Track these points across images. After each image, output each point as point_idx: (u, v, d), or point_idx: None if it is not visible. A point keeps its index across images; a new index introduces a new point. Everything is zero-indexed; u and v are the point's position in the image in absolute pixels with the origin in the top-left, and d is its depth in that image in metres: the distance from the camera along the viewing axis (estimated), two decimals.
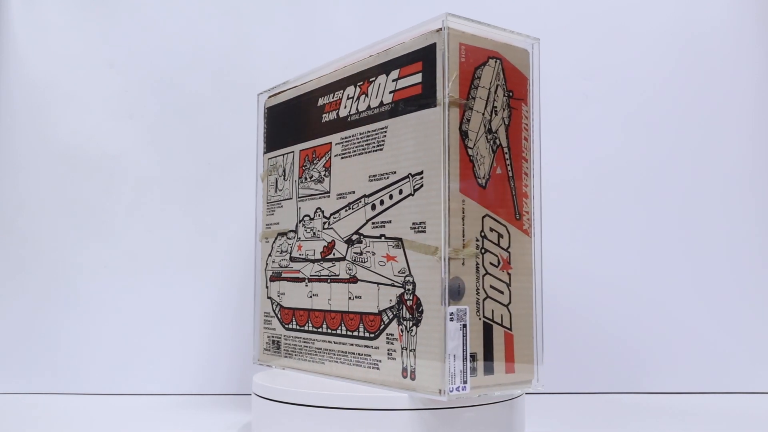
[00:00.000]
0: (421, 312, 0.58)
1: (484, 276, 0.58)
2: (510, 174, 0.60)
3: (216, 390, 0.93)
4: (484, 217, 0.58)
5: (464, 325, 0.56)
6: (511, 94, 0.61)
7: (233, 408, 0.84)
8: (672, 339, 0.96)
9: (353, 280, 0.65)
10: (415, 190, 0.59)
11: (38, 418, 0.80)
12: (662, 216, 0.97)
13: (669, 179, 0.98)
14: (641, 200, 0.97)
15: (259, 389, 0.65)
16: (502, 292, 0.59)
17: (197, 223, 0.95)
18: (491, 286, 0.58)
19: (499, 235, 0.59)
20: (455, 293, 0.56)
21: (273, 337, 0.75)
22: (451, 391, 0.55)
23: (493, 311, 0.58)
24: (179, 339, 0.93)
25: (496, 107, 0.60)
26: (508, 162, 0.60)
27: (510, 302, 0.60)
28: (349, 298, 0.65)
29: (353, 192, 0.65)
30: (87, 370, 0.93)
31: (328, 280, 0.68)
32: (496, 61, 0.60)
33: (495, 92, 0.60)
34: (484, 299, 0.58)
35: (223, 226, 0.95)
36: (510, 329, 0.59)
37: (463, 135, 0.58)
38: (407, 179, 0.60)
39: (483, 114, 0.59)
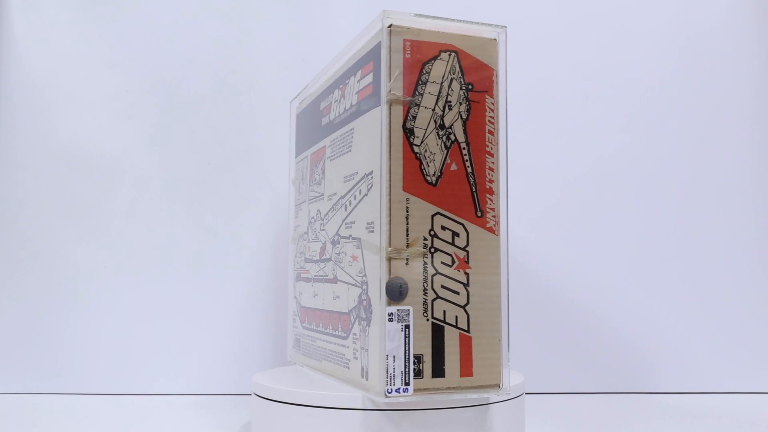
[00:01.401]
0: (371, 312, 0.57)
1: (433, 276, 0.56)
2: (469, 170, 0.58)
3: (216, 390, 0.93)
4: (434, 215, 0.57)
5: (406, 326, 0.55)
6: (470, 86, 0.58)
7: (233, 408, 0.85)
8: (672, 339, 0.96)
9: (334, 280, 0.66)
10: (368, 190, 0.59)
11: (38, 419, 0.79)
12: (663, 216, 0.98)
13: (669, 179, 0.98)
14: (641, 200, 0.98)
15: (259, 389, 0.66)
16: (457, 293, 0.57)
17: (197, 223, 0.95)
18: (443, 286, 0.57)
19: (454, 234, 0.57)
20: (395, 293, 0.55)
21: (296, 335, 0.78)
22: (389, 393, 0.55)
23: (445, 312, 0.57)
24: (179, 339, 0.94)
25: (450, 102, 0.58)
26: (466, 157, 0.58)
27: (468, 303, 0.57)
28: (333, 297, 0.66)
29: (335, 194, 0.66)
30: (87, 370, 0.93)
31: (323, 281, 0.69)
32: (449, 55, 0.58)
33: (449, 86, 0.58)
34: (433, 300, 0.56)
35: (223, 226, 0.95)
36: (467, 331, 0.57)
37: (408, 132, 0.56)
38: (364, 179, 0.60)
39: (433, 110, 0.57)
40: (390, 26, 0.57)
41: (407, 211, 0.56)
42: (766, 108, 0.99)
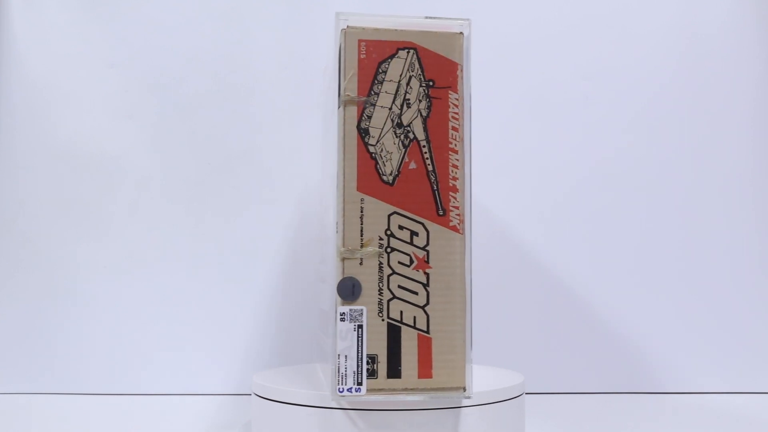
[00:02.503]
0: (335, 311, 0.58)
1: (389, 276, 0.56)
2: (430, 168, 0.57)
3: (216, 390, 0.93)
4: (390, 214, 0.56)
5: (359, 326, 0.55)
6: (431, 83, 0.57)
7: (233, 408, 0.84)
8: (672, 339, 0.96)
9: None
10: (335, 191, 0.59)
11: (38, 419, 0.79)
12: (663, 216, 0.97)
13: (670, 180, 0.97)
14: (642, 201, 0.97)
15: (259, 389, 0.66)
16: (416, 293, 0.56)
17: (197, 222, 0.95)
18: (400, 286, 0.56)
19: (413, 233, 0.56)
20: (348, 293, 0.56)
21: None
22: (341, 392, 0.55)
23: (402, 312, 0.56)
24: (179, 339, 0.94)
25: (408, 100, 0.57)
26: (426, 155, 0.57)
27: (428, 303, 0.56)
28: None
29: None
30: (87, 370, 0.93)
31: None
32: (408, 52, 0.57)
33: (407, 84, 0.57)
34: (389, 300, 0.56)
35: (223, 226, 0.95)
36: (427, 332, 0.56)
37: (363, 133, 0.57)
38: (333, 181, 0.60)
39: (390, 108, 0.57)
40: (345, 28, 0.57)
41: (362, 211, 0.56)
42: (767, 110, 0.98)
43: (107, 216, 0.95)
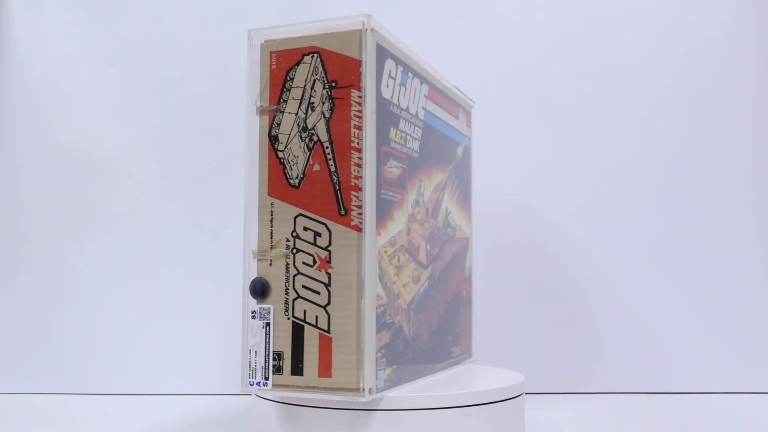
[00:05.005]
0: None
1: (295, 276, 0.57)
2: (332, 168, 0.57)
3: (216, 390, 0.93)
4: (296, 216, 0.58)
5: (267, 324, 0.58)
6: (333, 84, 0.58)
7: (233, 408, 0.84)
8: (672, 339, 0.96)
9: None
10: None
11: (38, 419, 0.80)
12: (663, 216, 0.97)
13: (670, 180, 0.97)
14: (642, 201, 0.97)
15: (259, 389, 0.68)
16: (318, 293, 0.57)
17: (197, 223, 0.96)
18: (304, 286, 0.57)
19: (316, 234, 0.57)
20: (257, 292, 0.58)
21: None
22: (251, 385, 0.58)
23: (305, 312, 0.57)
24: (179, 339, 0.94)
25: (313, 103, 0.58)
26: (329, 156, 0.57)
27: (329, 303, 0.56)
28: None
29: None
30: (87, 370, 0.94)
31: None
32: (312, 56, 0.58)
33: (312, 88, 0.58)
34: (294, 299, 0.57)
35: (223, 226, 0.95)
36: (328, 331, 0.56)
37: (273, 140, 0.59)
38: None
39: (296, 114, 0.58)
40: (263, 42, 0.60)
41: (271, 215, 0.59)
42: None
43: (107, 216, 0.96)
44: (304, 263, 0.58)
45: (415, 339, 0.65)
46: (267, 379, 0.58)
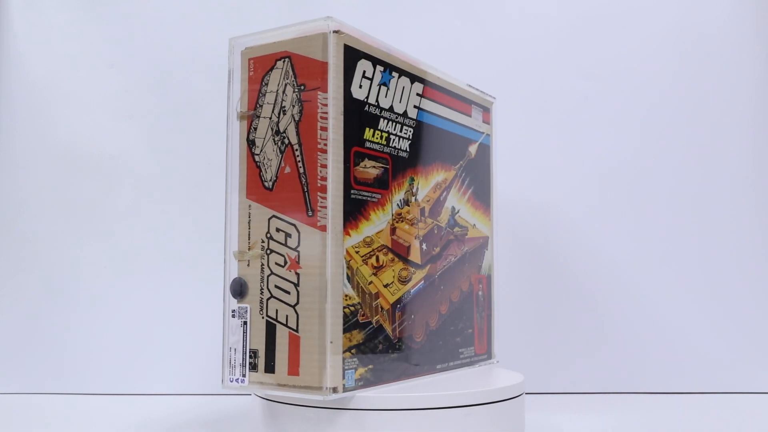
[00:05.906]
0: None
1: (269, 276, 0.59)
2: (301, 170, 0.58)
3: (216, 390, 0.92)
4: (270, 218, 0.59)
5: (245, 322, 0.59)
6: (302, 87, 0.58)
7: (233, 408, 0.84)
8: (672, 339, 0.95)
9: None
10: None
11: (38, 419, 0.79)
12: (663, 216, 0.97)
13: (670, 180, 0.97)
14: (642, 201, 0.97)
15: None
16: (288, 293, 0.58)
17: (197, 223, 0.95)
18: (276, 286, 0.58)
19: (287, 235, 0.58)
20: (236, 292, 0.60)
21: None
22: (231, 381, 0.60)
23: (277, 311, 0.58)
24: (179, 339, 0.94)
25: (284, 107, 0.59)
26: (299, 158, 0.58)
27: (298, 303, 0.57)
28: None
29: None
30: (87, 370, 0.93)
31: None
32: (284, 61, 0.59)
33: (283, 92, 0.59)
34: (268, 299, 0.59)
35: (222, 226, 0.88)
36: (296, 330, 0.57)
37: (251, 144, 0.61)
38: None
39: (270, 118, 0.60)
40: (243, 50, 0.62)
41: (249, 217, 0.61)
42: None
43: (107, 216, 0.96)
44: (276, 263, 0.59)
45: (403, 339, 0.65)
46: (244, 376, 0.60)
